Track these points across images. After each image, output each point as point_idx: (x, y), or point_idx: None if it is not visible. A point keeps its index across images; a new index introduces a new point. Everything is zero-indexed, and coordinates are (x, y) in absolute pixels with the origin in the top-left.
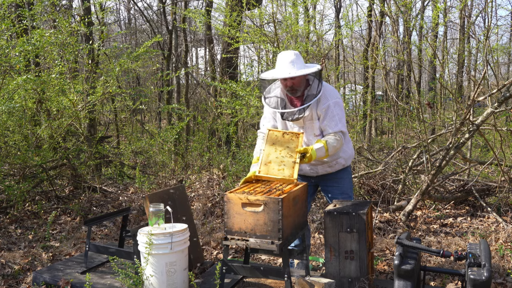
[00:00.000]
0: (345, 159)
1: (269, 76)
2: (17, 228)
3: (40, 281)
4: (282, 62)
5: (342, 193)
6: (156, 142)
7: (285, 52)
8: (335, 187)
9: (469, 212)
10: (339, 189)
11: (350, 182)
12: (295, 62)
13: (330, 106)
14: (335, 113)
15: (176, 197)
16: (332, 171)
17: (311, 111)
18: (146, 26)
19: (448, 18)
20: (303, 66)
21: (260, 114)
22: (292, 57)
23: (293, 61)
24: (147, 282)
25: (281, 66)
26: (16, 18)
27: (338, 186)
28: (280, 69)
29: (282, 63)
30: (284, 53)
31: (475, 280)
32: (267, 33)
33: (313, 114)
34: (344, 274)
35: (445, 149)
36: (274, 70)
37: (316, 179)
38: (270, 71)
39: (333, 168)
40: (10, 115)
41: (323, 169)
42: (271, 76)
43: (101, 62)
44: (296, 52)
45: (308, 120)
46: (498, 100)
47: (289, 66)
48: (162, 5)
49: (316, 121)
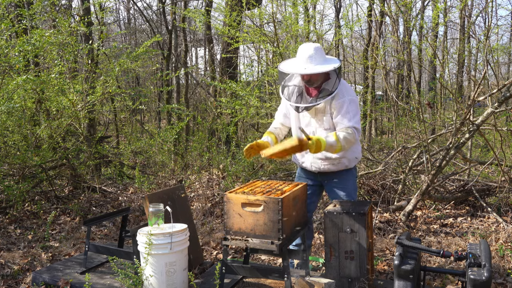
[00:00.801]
0: (349, 160)
1: (285, 69)
2: (17, 228)
3: (39, 281)
4: (301, 56)
5: (346, 195)
6: (155, 142)
7: (305, 45)
8: (339, 188)
9: (469, 212)
10: (343, 189)
11: (355, 184)
12: (313, 57)
13: (345, 102)
14: (349, 109)
15: (176, 197)
16: (335, 170)
17: (325, 104)
18: (145, 26)
19: (448, 18)
20: (322, 61)
21: (259, 114)
22: (310, 52)
23: (312, 56)
24: (146, 282)
25: (299, 60)
26: (16, 18)
27: (342, 187)
28: (297, 64)
29: (301, 57)
30: (305, 47)
31: (475, 280)
32: (267, 33)
33: (326, 107)
34: (344, 274)
35: (445, 149)
36: (291, 63)
37: (320, 177)
38: (288, 64)
39: (336, 167)
40: (10, 115)
41: (325, 166)
42: (287, 69)
43: (101, 62)
44: (317, 46)
45: (320, 112)
46: (498, 100)
47: (307, 61)
48: (162, 5)
49: (328, 115)
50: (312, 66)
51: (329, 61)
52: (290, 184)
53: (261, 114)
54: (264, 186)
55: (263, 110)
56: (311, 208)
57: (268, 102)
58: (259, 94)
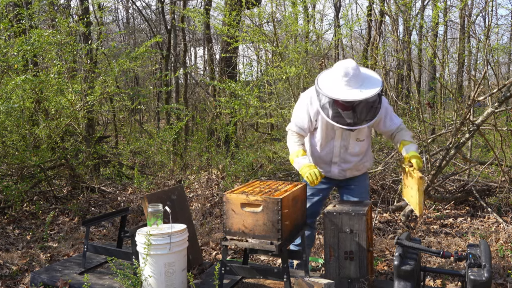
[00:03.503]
0: (370, 162)
1: (329, 94)
2: (15, 228)
3: (38, 281)
4: (344, 79)
5: (361, 193)
6: (154, 142)
7: (346, 68)
8: (356, 190)
9: (469, 213)
10: (359, 191)
11: (368, 185)
12: (357, 78)
13: (386, 110)
14: (390, 111)
15: (175, 198)
16: (358, 174)
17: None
18: (144, 25)
19: (448, 18)
20: (368, 84)
21: (259, 114)
22: (353, 72)
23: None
24: (145, 283)
25: (342, 81)
26: (14, 18)
27: (358, 189)
28: (341, 86)
29: (344, 80)
30: (346, 70)
31: (475, 281)
32: (267, 33)
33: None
34: (343, 274)
35: (445, 149)
36: (334, 85)
37: (338, 182)
38: (330, 88)
39: (360, 172)
40: (8, 115)
41: (351, 172)
42: (331, 95)
43: (100, 61)
44: (355, 68)
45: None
46: (498, 99)
47: (354, 91)
48: (161, 4)
49: (366, 127)
50: (364, 91)
51: (372, 82)
52: (290, 184)
53: (260, 114)
54: (263, 186)
55: (262, 110)
56: (319, 211)
57: (267, 102)
58: (258, 93)
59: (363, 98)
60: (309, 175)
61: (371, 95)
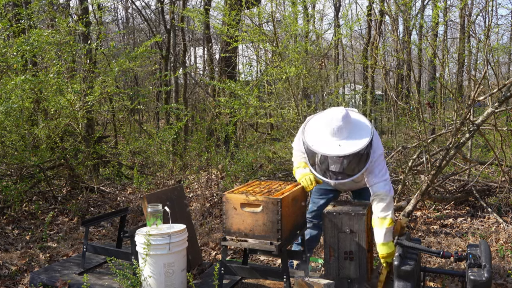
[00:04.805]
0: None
1: (315, 148)
2: (14, 228)
3: (37, 282)
4: (331, 135)
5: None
6: (154, 142)
7: (331, 119)
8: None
9: (469, 213)
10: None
11: None
12: (342, 131)
13: (372, 166)
14: (381, 167)
15: (174, 198)
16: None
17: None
18: (144, 25)
19: (448, 17)
20: (355, 136)
21: (258, 113)
22: (340, 126)
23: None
24: (145, 283)
25: (328, 135)
26: (14, 17)
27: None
28: (327, 141)
29: (331, 135)
30: (330, 121)
31: (475, 281)
32: (266, 32)
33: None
34: (343, 275)
35: (445, 149)
36: (321, 139)
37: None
38: (316, 140)
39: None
40: (8, 115)
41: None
42: (308, 143)
43: (99, 61)
44: (346, 119)
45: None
46: (498, 99)
47: (338, 139)
48: (160, 4)
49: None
50: (346, 146)
51: (361, 134)
52: (290, 184)
53: (260, 114)
54: (263, 186)
55: (262, 110)
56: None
57: (267, 101)
58: (258, 93)
59: (341, 154)
60: (304, 180)
61: (349, 153)
